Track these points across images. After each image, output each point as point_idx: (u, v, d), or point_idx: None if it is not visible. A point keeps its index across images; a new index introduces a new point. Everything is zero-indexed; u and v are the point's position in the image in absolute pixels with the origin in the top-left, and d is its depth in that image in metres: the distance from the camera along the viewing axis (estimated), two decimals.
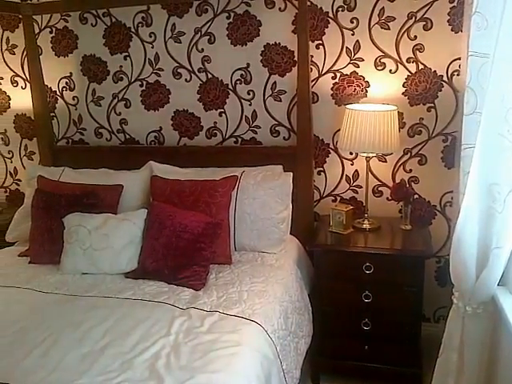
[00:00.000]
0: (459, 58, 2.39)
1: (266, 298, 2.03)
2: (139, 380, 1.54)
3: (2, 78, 3.21)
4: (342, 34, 2.55)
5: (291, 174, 2.52)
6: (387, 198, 2.67)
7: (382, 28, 2.49)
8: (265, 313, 1.94)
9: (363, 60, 2.55)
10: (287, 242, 2.50)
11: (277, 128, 2.77)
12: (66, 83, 3.08)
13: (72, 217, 2.37)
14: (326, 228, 2.52)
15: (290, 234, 2.54)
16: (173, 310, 1.93)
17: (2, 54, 3.15)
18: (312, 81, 2.61)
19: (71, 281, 2.24)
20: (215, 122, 2.86)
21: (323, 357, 2.44)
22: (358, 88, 2.59)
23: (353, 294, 2.32)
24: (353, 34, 2.53)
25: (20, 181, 3.36)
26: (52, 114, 3.14)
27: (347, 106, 2.43)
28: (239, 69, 2.74)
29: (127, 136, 3.05)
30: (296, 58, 2.58)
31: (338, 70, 2.60)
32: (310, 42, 2.55)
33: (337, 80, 2.61)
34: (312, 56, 2.58)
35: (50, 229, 2.42)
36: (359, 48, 2.54)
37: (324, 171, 2.75)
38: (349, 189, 2.73)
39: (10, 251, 2.63)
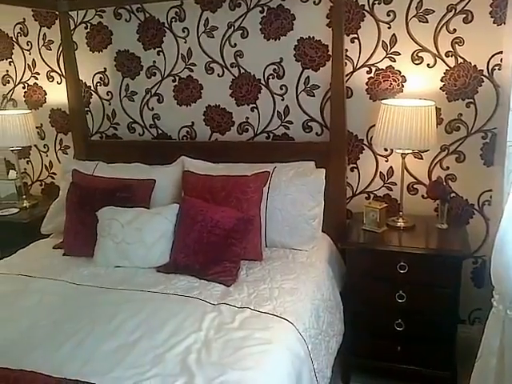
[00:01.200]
0: (501, 52, 2.30)
1: (298, 296, 2.01)
2: (170, 375, 1.54)
3: (38, 74, 3.27)
4: (378, 28, 2.49)
5: (323, 170, 2.49)
6: (423, 196, 2.60)
7: (419, 21, 2.42)
8: (296, 311, 1.91)
9: (400, 54, 2.48)
10: (319, 239, 2.47)
11: (309, 123, 2.73)
12: (101, 78, 3.12)
13: (105, 210, 2.39)
14: (359, 226, 2.47)
15: (322, 231, 2.51)
16: (204, 305, 1.93)
17: (39, 50, 3.21)
18: (346, 75, 2.56)
19: (104, 274, 2.26)
20: (247, 118, 2.85)
21: (354, 356, 2.40)
22: (393, 83, 2.53)
23: (386, 293, 2.27)
24: (389, 28, 2.47)
25: (55, 174, 3.42)
26: (86, 109, 3.19)
27: (383, 101, 2.37)
28: (272, 63, 2.71)
29: (159, 131, 3.07)
30: (330, 53, 2.54)
31: (373, 65, 2.54)
32: (345, 36, 2.50)
33: (372, 74, 2.56)
34: (347, 50, 2.53)
35: (84, 222, 2.46)
36: (396, 42, 2.47)
37: (357, 168, 2.70)
38: (383, 186, 2.67)
39: (45, 243, 2.69)
